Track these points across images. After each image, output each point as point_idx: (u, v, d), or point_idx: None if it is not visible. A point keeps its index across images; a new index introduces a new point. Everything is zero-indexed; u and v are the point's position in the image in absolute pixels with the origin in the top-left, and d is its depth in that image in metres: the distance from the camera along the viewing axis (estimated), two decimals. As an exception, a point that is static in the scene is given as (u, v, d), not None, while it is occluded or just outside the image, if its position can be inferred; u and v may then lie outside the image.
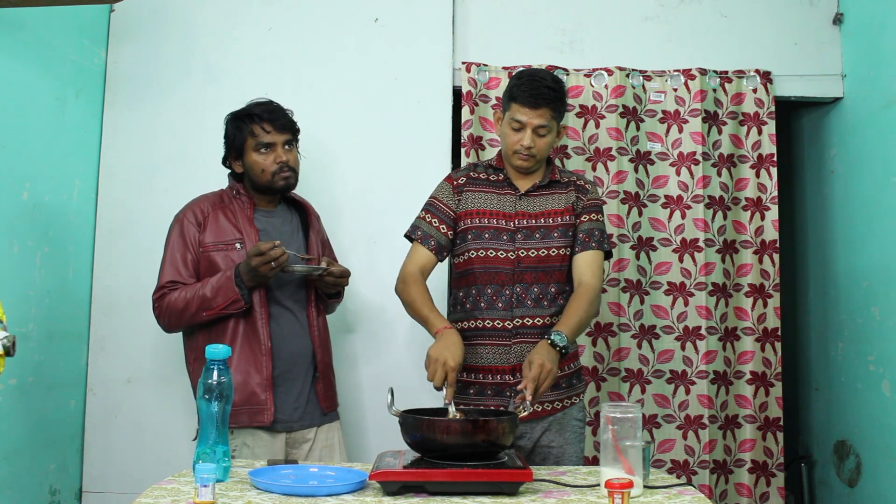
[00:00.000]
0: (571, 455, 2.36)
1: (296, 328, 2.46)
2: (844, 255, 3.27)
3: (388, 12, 3.19)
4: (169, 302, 2.39)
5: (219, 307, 2.33)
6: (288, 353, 2.42)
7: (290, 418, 2.42)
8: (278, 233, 2.50)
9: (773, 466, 3.18)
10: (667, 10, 3.31)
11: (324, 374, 2.50)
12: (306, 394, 2.45)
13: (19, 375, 2.57)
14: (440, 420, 1.88)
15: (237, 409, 2.32)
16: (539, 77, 2.34)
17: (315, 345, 2.48)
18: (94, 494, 2.96)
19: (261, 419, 2.35)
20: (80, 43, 2.96)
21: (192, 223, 2.44)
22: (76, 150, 2.96)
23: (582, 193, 2.42)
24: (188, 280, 2.41)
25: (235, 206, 2.49)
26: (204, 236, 2.43)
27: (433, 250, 2.37)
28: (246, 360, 2.37)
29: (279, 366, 2.40)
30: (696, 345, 3.15)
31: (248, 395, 2.36)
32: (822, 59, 3.30)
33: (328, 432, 2.50)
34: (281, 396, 2.40)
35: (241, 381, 2.35)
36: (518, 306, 2.34)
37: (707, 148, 3.23)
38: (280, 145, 2.46)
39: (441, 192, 2.43)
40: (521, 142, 2.32)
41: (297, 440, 2.44)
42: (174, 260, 2.43)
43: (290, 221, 2.57)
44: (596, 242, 2.38)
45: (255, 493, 1.77)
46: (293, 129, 2.51)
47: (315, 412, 2.47)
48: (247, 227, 2.44)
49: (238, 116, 2.50)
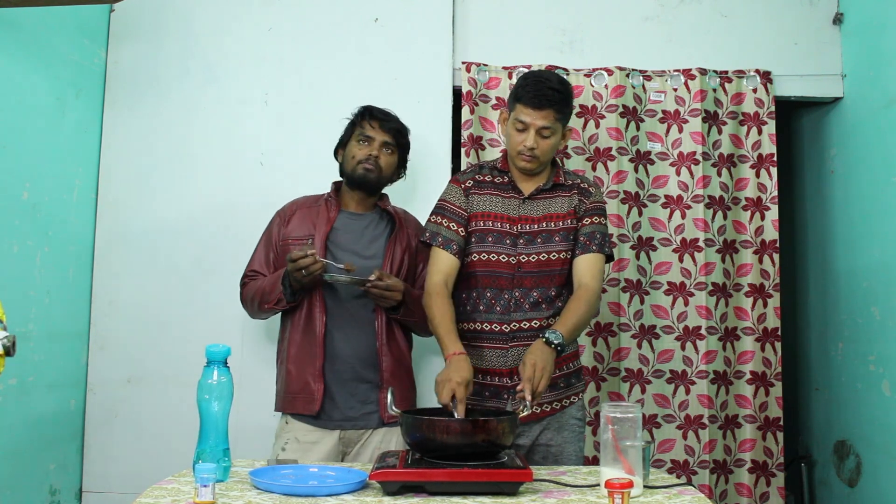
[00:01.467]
0: (570, 454, 2.36)
1: (359, 331, 2.50)
2: (844, 255, 3.27)
3: (388, 12, 3.19)
4: (245, 292, 2.59)
5: (272, 302, 2.47)
6: (348, 353, 2.48)
7: (344, 416, 2.46)
8: (356, 235, 2.55)
9: (773, 466, 3.18)
10: (667, 10, 3.31)
11: (391, 383, 2.45)
12: (366, 397, 2.48)
13: (19, 375, 2.57)
14: (440, 420, 1.88)
15: (294, 395, 2.47)
16: (544, 78, 2.34)
17: (380, 353, 2.49)
18: (94, 494, 2.96)
19: (311, 408, 2.44)
20: (80, 43, 2.96)
21: (279, 219, 2.62)
22: (76, 150, 2.96)
23: (585, 196, 2.42)
24: (266, 273, 2.57)
25: (322, 205, 2.60)
26: (286, 231, 2.57)
27: (456, 254, 2.36)
28: (301, 350, 2.48)
29: (337, 362, 2.47)
30: (696, 345, 3.15)
31: (304, 385, 2.46)
32: (822, 59, 3.30)
33: (385, 436, 2.49)
34: (336, 393, 2.46)
35: (297, 369, 2.47)
36: (516, 310, 2.34)
37: (707, 148, 3.23)
38: (378, 142, 2.56)
39: (451, 194, 2.43)
40: (524, 143, 2.32)
41: (351, 440, 2.48)
42: (259, 252, 2.62)
43: (376, 227, 2.60)
44: (597, 246, 2.37)
45: (255, 493, 1.77)
46: (398, 137, 2.59)
47: (373, 417, 2.49)
48: (321, 225, 2.54)
49: (360, 110, 2.63)
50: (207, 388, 1.89)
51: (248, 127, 3.11)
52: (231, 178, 3.08)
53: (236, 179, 3.08)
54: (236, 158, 3.09)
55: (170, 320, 3.01)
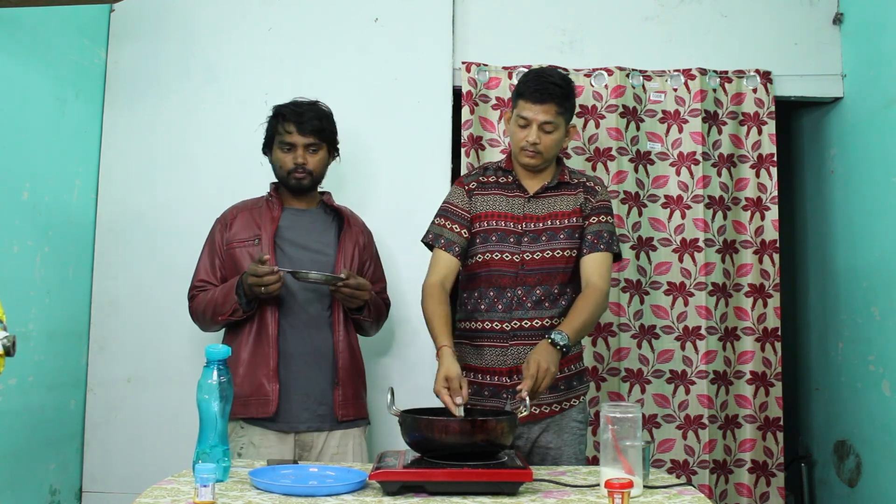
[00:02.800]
0: (570, 456, 2.36)
1: (314, 330, 2.46)
2: (844, 255, 3.27)
3: (388, 12, 3.19)
4: (194, 305, 2.51)
5: (226, 314, 2.41)
6: (302, 352, 2.43)
7: (298, 419, 2.41)
8: (304, 230, 2.53)
9: (773, 466, 3.18)
10: (667, 10, 3.31)
11: (345, 382, 2.46)
12: (320, 398, 2.44)
13: (19, 375, 2.57)
14: (440, 420, 1.88)
15: (246, 399, 2.39)
16: (545, 73, 2.36)
17: (336, 350, 2.47)
18: (94, 494, 2.96)
19: (266, 410, 2.38)
20: (80, 43, 2.96)
21: (220, 225, 2.57)
22: (76, 150, 2.96)
23: (591, 195, 2.42)
24: (214, 281, 2.51)
25: (264, 206, 2.56)
26: (229, 234, 2.53)
27: (458, 256, 2.36)
28: (255, 351, 2.42)
29: (291, 363, 2.42)
30: (696, 345, 3.15)
31: (257, 387, 2.40)
32: (822, 59, 3.30)
33: (341, 439, 2.46)
34: (291, 394, 2.41)
35: (250, 373, 2.40)
36: (517, 308, 2.34)
37: (707, 148, 3.23)
38: (301, 147, 2.50)
39: (455, 196, 2.43)
40: (527, 138, 2.32)
41: (306, 443, 2.43)
42: (203, 261, 2.56)
43: (322, 222, 2.58)
44: (604, 244, 2.37)
45: (254, 493, 1.77)
46: (320, 134, 2.52)
47: (328, 418, 2.44)
48: (267, 225, 2.50)
49: (274, 111, 2.57)
50: (207, 388, 1.89)
51: (248, 127, 3.10)
52: (231, 178, 3.07)
53: (236, 179, 3.07)
54: (236, 158, 3.09)
55: (170, 320, 3.00)
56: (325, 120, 2.54)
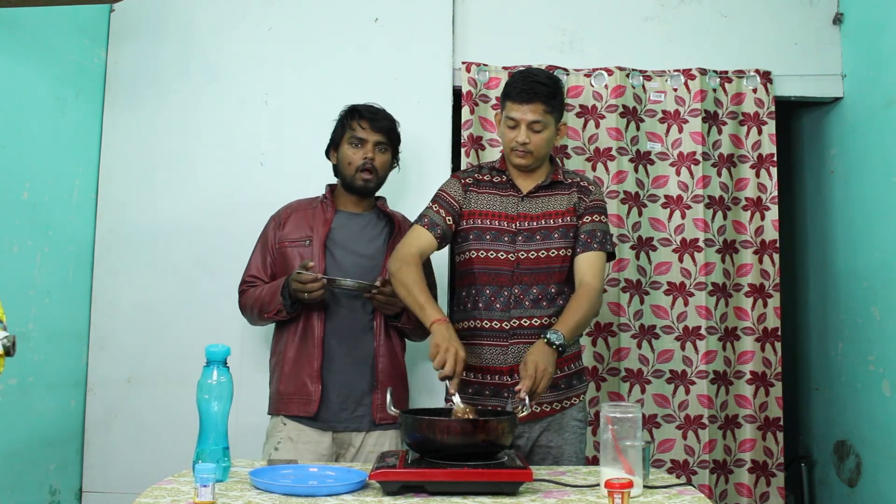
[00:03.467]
0: (570, 455, 2.36)
1: (357, 332, 2.50)
2: (844, 255, 3.27)
3: (388, 12, 3.19)
4: (244, 300, 2.57)
5: (272, 312, 2.46)
6: (345, 353, 2.48)
7: (337, 418, 2.46)
8: (355, 234, 2.56)
9: (773, 466, 3.18)
10: (667, 10, 3.31)
11: (385, 385, 2.47)
12: (360, 398, 2.48)
13: (19, 375, 2.57)
14: (440, 420, 1.88)
15: (290, 396, 2.46)
16: (531, 73, 2.36)
17: (377, 353, 2.50)
18: (94, 494, 2.96)
19: (307, 409, 2.43)
20: (80, 43, 2.96)
21: (273, 223, 2.61)
22: (76, 150, 2.96)
23: (584, 194, 2.42)
24: (265, 278, 2.56)
25: (318, 207, 2.59)
26: (282, 234, 2.57)
27: (437, 238, 2.36)
28: (299, 351, 2.48)
29: (334, 364, 2.46)
30: (696, 345, 3.15)
31: (300, 386, 2.45)
32: (822, 59, 3.30)
33: (378, 439, 2.49)
34: (331, 393, 2.46)
35: (294, 371, 2.46)
36: (516, 307, 2.34)
37: (707, 148, 3.23)
38: (371, 143, 2.54)
39: (450, 186, 2.44)
40: (516, 138, 2.32)
41: (343, 442, 2.48)
42: (255, 258, 2.60)
43: (374, 227, 2.61)
44: (598, 243, 2.37)
45: (255, 493, 1.77)
46: (390, 134, 2.58)
47: (365, 419, 2.48)
48: (319, 227, 2.53)
49: (345, 110, 2.61)
50: (207, 388, 1.89)
51: (247, 127, 3.12)
52: (231, 178, 3.08)
53: (236, 179, 3.08)
54: (236, 158, 3.09)
55: (170, 320, 3.01)
56: (394, 123, 2.61)
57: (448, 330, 2.12)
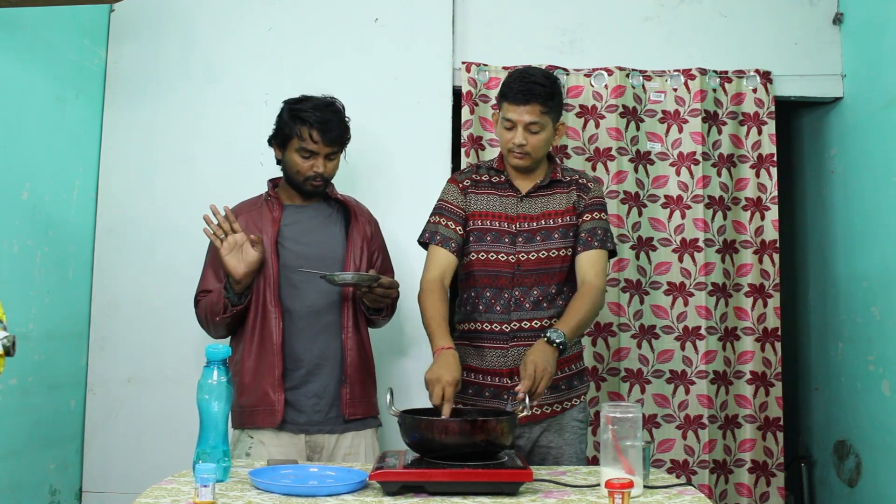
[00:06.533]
0: (571, 456, 2.36)
1: (321, 329, 2.42)
2: (844, 256, 3.27)
3: (388, 12, 3.19)
4: (199, 312, 2.50)
5: (221, 311, 2.38)
6: (309, 354, 2.40)
7: (308, 421, 2.38)
8: (306, 227, 2.49)
9: (773, 466, 3.18)
10: (667, 10, 3.31)
11: (353, 379, 2.42)
12: (329, 398, 2.40)
13: (19, 375, 2.57)
14: (439, 420, 1.88)
15: (252, 409, 2.36)
16: (528, 73, 2.34)
17: (345, 347, 2.43)
18: (94, 494, 2.96)
19: (272, 420, 2.35)
20: (80, 43, 2.96)
21: None
22: (76, 150, 2.96)
23: (584, 192, 2.41)
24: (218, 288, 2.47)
25: (264, 206, 2.51)
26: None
27: (454, 252, 2.35)
28: (259, 360, 2.38)
29: (298, 367, 2.39)
30: (696, 345, 3.15)
31: (262, 396, 2.37)
32: (822, 59, 3.30)
33: (353, 440, 2.42)
34: (298, 397, 2.38)
35: (255, 382, 2.37)
36: (516, 309, 2.34)
37: (707, 148, 3.23)
38: (322, 156, 2.44)
39: (449, 194, 2.42)
40: (513, 140, 2.31)
41: (317, 444, 2.40)
42: (207, 270, 2.52)
43: (325, 214, 2.53)
44: (599, 241, 2.36)
45: (255, 493, 1.77)
46: (342, 141, 2.48)
47: (337, 418, 2.41)
48: (267, 226, 2.45)
49: (294, 111, 2.46)
50: (207, 389, 1.89)
51: (248, 127, 3.11)
52: (231, 178, 3.07)
53: (236, 179, 3.07)
54: (236, 158, 3.09)
55: (170, 320, 3.01)
56: (345, 125, 2.49)
57: (442, 358, 2.09)
